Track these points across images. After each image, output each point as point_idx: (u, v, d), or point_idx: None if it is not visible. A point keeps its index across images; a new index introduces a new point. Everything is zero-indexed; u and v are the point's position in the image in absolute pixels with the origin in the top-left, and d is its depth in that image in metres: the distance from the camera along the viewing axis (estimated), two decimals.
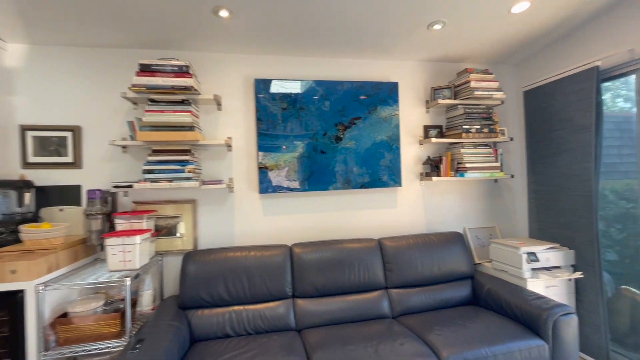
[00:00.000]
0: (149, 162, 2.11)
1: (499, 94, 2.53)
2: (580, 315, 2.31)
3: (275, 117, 2.43)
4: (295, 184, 2.45)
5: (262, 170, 2.41)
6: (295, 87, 2.46)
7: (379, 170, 2.59)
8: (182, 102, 2.15)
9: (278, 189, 2.43)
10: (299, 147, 2.46)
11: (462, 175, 2.53)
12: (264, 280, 2.13)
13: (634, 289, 2.27)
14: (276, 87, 2.43)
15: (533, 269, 2.28)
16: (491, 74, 2.56)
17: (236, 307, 2.10)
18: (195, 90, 2.11)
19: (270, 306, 2.13)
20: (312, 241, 2.37)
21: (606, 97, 2.32)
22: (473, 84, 2.49)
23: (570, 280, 2.33)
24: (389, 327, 2.02)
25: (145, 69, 2.04)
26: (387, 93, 2.60)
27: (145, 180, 2.09)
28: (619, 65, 2.10)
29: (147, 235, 2.03)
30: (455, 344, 1.77)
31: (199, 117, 2.36)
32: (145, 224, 2.10)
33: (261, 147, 2.41)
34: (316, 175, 2.49)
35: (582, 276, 2.24)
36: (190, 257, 2.14)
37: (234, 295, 2.09)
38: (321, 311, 2.15)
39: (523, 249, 2.27)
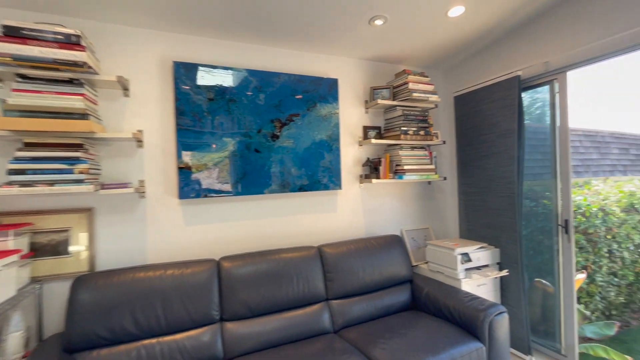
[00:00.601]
0: (18, 160, 1.57)
1: (434, 97, 2.57)
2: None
3: (199, 108, 2.06)
4: (225, 187, 2.12)
5: (184, 171, 2.03)
6: (224, 76, 2.13)
7: (319, 172, 2.41)
8: (71, 82, 1.66)
9: (203, 193, 2.06)
10: (229, 145, 2.14)
11: (400, 178, 2.50)
12: (184, 303, 1.76)
13: (545, 281, 2.50)
14: (202, 74, 2.07)
15: (466, 269, 2.34)
16: (427, 77, 2.58)
17: (147, 341, 1.69)
18: (91, 68, 1.65)
19: (192, 335, 1.77)
20: (245, 253, 2.07)
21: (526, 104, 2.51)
22: (411, 86, 2.48)
23: (496, 277, 2.45)
24: (331, 345, 1.84)
25: (12, 34, 1.51)
26: (326, 90, 2.44)
27: (12, 183, 1.55)
28: (536, 76, 2.28)
29: (14, 258, 1.50)
30: (400, 358, 1.67)
31: (96, 103, 1.87)
32: (12, 242, 1.56)
33: (182, 144, 2.03)
34: (250, 178, 2.20)
35: (507, 273, 2.37)
36: (83, 282, 1.66)
37: (144, 327, 1.67)
38: (255, 334, 1.87)
39: (458, 250, 2.32)
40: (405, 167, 2.50)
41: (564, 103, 2.19)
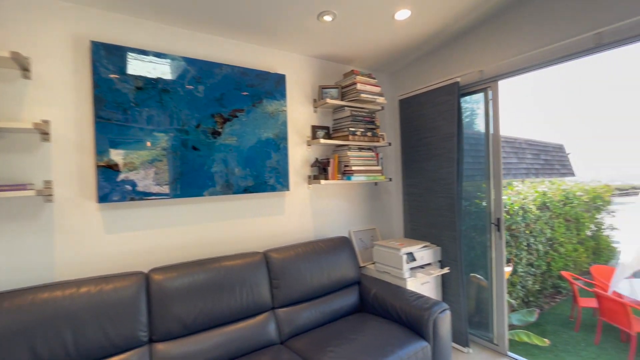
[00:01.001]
0: None
1: (381, 99, 2.60)
2: None
3: (125, 98, 1.79)
4: (157, 189, 1.87)
5: (105, 170, 1.73)
6: (157, 63, 1.88)
7: (265, 173, 2.27)
8: None
9: (130, 196, 1.79)
10: (162, 142, 1.89)
11: (349, 179, 2.48)
12: (102, 327, 1.49)
13: (479, 276, 2.68)
14: (128, 59, 1.80)
15: (411, 268, 2.39)
16: (374, 78, 2.60)
17: None
18: None
19: None
20: (180, 263, 1.84)
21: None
22: (359, 87, 2.47)
23: (438, 275, 2.56)
24: (277, 357, 1.72)
25: None
26: (273, 85, 2.31)
27: None
28: (473, 83, 2.43)
29: None
30: None
31: None
32: None
33: (103, 139, 1.73)
34: (187, 178, 1.97)
35: (449, 271, 2.48)
36: None
37: None
38: (192, 354, 1.66)
39: (403, 250, 2.36)
40: (354, 168, 2.49)
41: (496, 110, 2.36)
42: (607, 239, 6.85)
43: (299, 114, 2.53)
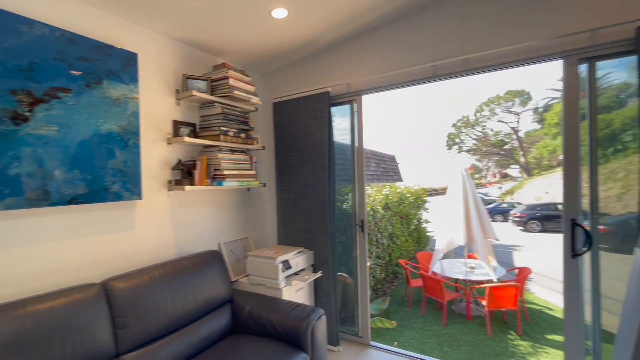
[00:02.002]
0: None
1: (256, 99, 2.44)
2: None
3: None
4: None
5: None
6: None
7: (107, 176, 1.73)
8: None
9: None
10: None
11: (220, 184, 2.20)
12: None
13: (345, 274, 2.88)
14: None
15: (287, 277, 2.32)
16: (248, 76, 2.42)
17: None
18: None
19: None
20: None
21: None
22: (232, 82, 2.24)
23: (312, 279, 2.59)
24: None
25: None
26: (120, 64, 1.80)
27: None
28: (341, 94, 2.59)
29: None
30: None
31: None
32: None
33: None
34: None
35: (322, 274, 2.54)
36: None
37: None
38: None
39: (279, 258, 2.26)
40: (226, 172, 2.23)
41: (360, 121, 2.60)
42: (424, 230, 8.86)
43: (156, 105, 2.07)
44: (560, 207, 12.84)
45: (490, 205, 16.46)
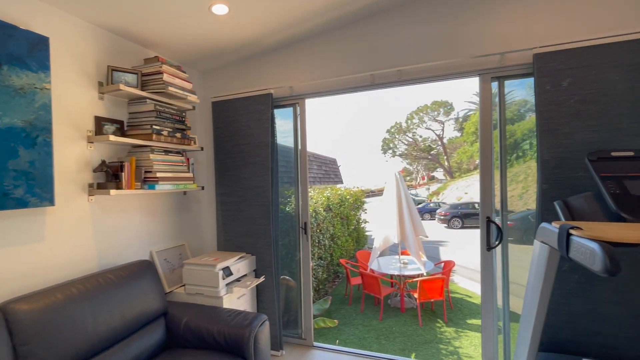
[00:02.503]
0: None
1: (193, 97, 2.30)
2: None
3: None
4: None
5: None
6: None
7: (5, 179, 1.46)
8: None
9: None
10: None
11: (152, 187, 2.02)
12: None
13: (288, 277, 2.87)
14: None
15: (227, 284, 2.23)
16: (185, 72, 2.28)
17: None
18: None
19: None
20: None
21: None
22: (167, 78, 2.08)
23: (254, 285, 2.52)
24: None
25: None
26: (25, 48, 1.54)
27: None
28: (284, 97, 2.59)
29: None
30: None
31: None
32: None
33: None
34: None
35: (264, 279, 2.48)
36: None
37: None
38: None
39: (219, 265, 2.16)
40: (159, 175, 2.05)
41: (303, 124, 2.62)
42: (363, 230, 9.28)
43: (74, 98, 1.82)
44: (477, 206, 14.61)
45: (420, 205, 17.98)
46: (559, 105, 1.78)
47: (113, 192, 1.84)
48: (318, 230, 5.27)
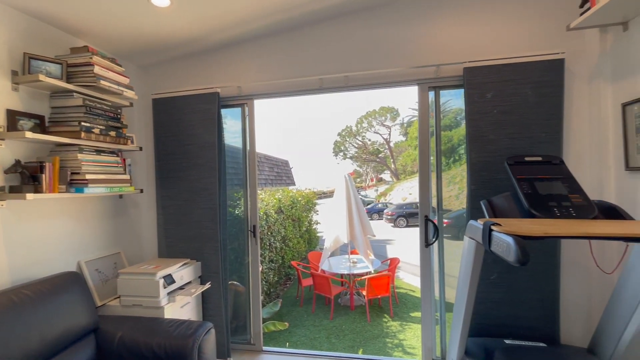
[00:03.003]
0: None
1: (130, 93, 2.13)
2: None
3: None
4: None
5: None
6: None
7: None
8: None
9: None
10: None
11: (80, 191, 1.82)
12: None
13: (236, 282, 2.79)
14: None
15: (169, 293, 2.09)
16: (120, 65, 2.10)
17: None
18: None
19: None
20: None
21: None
22: (98, 70, 1.90)
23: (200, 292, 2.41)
24: None
25: None
26: None
27: None
28: (232, 97, 2.52)
29: None
30: None
31: None
32: None
33: None
34: None
35: (210, 286, 2.38)
36: None
37: None
38: None
39: (159, 273, 2.02)
40: (88, 177, 1.86)
41: (252, 125, 2.58)
42: (315, 231, 9.38)
43: None
44: None
45: (369, 206, 18.72)
46: (485, 115, 2.00)
47: (30, 196, 1.62)
48: (269, 233, 5.20)
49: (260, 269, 3.57)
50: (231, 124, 2.69)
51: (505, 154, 1.96)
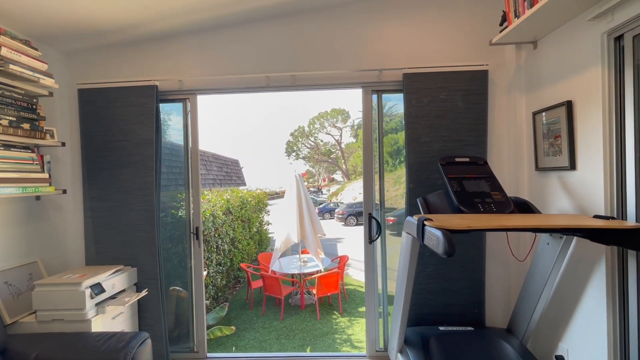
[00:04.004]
0: None
1: (49, 81, 1.89)
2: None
3: None
4: None
5: None
6: None
7: None
8: None
9: None
10: None
11: None
12: None
13: (178, 287, 2.64)
14: None
15: (99, 304, 1.90)
16: (37, 49, 1.86)
17: None
18: None
19: None
20: None
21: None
22: (6, 53, 1.66)
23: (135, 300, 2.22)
24: None
25: None
26: None
27: None
28: (172, 91, 2.37)
29: None
30: None
31: None
32: None
33: None
34: None
35: (147, 293, 2.21)
36: None
37: None
38: None
39: (86, 282, 1.83)
40: None
41: (194, 122, 2.45)
42: (266, 232, 9.24)
43: None
44: None
45: (321, 205, 18.97)
46: (421, 118, 2.14)
47: None
48: (216, 235, 5.00)
49: (206, 273, 3.42)
50: (176, 120, 2.53)
51: (438, 155, 2.12)
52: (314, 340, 3.90)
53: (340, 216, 15.60)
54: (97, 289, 1.88)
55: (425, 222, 1.35)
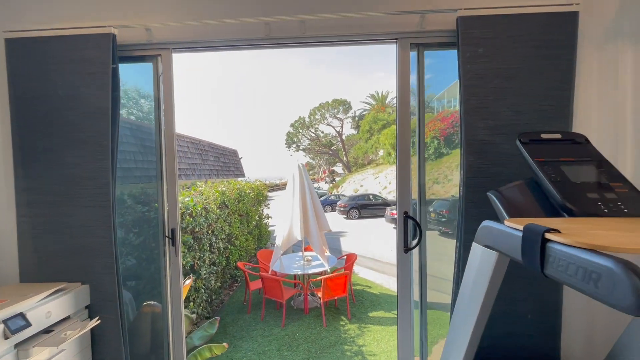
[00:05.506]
0: None
1: None
2: None
3: None
4: None
5: None
6: None
7: None
8: None
9: None
10: None
11: None
12: None
13: (153, 302, 2.06)
14: None
15: (21, 343, 1.30)
16: None
17: None
18: None
19: None
20: None
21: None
22: None
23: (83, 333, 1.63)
24: None
25: None
26: None
27: None
28: (138, 45, 1.74)
29: None
30: None
31: None
32: None
33: None
34: None
35: (99, 322, 1.60)
36: None
37: None
38: None
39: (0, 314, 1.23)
40: None
41: (169, 90, 1.81)
42: (266, 226, 8.66)
43: None
44: (372, 197, 15.70)
45: (322, 198, 18.43)
46: (484, 80, 1.52)
47: None
48: (210, 232, 4.41)
49: (190, 282, 2.83)
50: (148, 88, 1.90)
51: (508, 131, 1.51)
52: (321, 353, 3.35)
53: (341, 209, 15.06)
54: (18, 322, 1.28)
55: (550, 236, 0.75)
